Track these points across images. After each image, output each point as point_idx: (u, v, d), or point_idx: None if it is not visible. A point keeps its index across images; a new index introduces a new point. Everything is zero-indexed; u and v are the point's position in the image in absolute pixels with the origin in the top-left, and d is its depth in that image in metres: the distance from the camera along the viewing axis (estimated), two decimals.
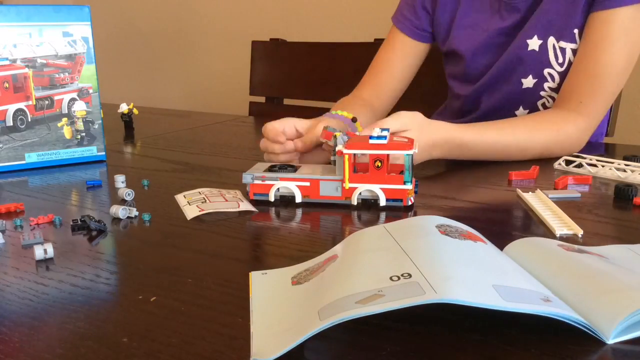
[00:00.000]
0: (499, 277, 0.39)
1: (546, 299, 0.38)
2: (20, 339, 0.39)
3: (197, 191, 0.71)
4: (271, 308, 0.41)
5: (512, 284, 0.39)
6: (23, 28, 0.83)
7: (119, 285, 0.48)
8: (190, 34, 2.44)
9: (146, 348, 0.38)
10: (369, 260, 0.42)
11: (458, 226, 0.48)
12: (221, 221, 0.62)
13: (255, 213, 0.65)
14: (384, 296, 0.36)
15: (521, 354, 0.36)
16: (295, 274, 0.46)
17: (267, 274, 0.48)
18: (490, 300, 0.35)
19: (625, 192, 0.68)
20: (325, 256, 0.48)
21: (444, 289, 0.35)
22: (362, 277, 0.39)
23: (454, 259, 0.40)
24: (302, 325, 0.36)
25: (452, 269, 0.38)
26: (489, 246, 0.45)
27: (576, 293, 0.41)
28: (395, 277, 0.38)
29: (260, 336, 0.37)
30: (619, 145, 1.01)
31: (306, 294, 0.41)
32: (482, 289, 0.36)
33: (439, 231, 0.45)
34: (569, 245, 0.50)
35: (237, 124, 1.26)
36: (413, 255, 0.41)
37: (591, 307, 0.39)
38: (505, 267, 0.42)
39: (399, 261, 0.40)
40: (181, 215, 0.64)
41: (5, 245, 0.57)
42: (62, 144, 0.88)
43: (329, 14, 2.06)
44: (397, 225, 0.48)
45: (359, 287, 0.38)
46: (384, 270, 0.39)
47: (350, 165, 0.64)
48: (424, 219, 0.49)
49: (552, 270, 0.44)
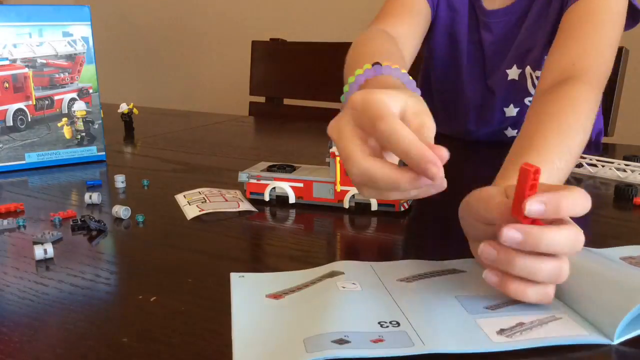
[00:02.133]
0: (489, 311, 0.40)
1: (541, 323, 0.38)
2: (20, 339, 0.39)
3: (197, 191, 0.71)
4: (251, 319, 0.41)
5: (505, 314, 0.40)
6: (23, 28, 0.83)
7: (119, 285, 0.48)
8: (190, 34, 2.44)
9: (146, 348, 0.38)
10: (356, 299, 0.42)
11: (442, 268, 0.48)
12: (221, 221, 0.62)
13: (254, 213, 0.65)
14: (384, 341, 0.36)
15: (521, 354, 0.36)
16: (274, 286, 0.46)
17: (245, 277, 0.47)
18: (480, 346, 0.36)
19: (625, 192, 0.68)
20: (306, 277, 0.47)
21: (432, 340, 0.36)
22: (350, 316, 0.40)
23: (439, 302, 0.42)
24: (287, 350, 0.36)
25: (438, 315, 0.40)
26: (477, 274, 0.46)
27: (579, 293, 0.41)
28: (384, 323, 0.39)
29: (241, 350, 0.37)
30: (619, 145, 1.01)
31: (288, 312, 0.41)
32: (471, 333, 0.37)
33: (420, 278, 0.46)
34: None
35: (237, 124, 1.26)
36: (399, 300, 0.42)
37: (594, 307, 0.39)
38: (495, 296, 0.42)
39: (386, 306, 0.41)
40: (181, 215, 0.64)
41: (5, 245, 0.57)
42: (62, 144, 0.88)
43: (329, 14, 2.06)
44: (384, 266, 0.49)
45: (347, 326, 0.38)
46: (372, 313, 0.40)
47: (343, 168, 0.64)
48: (409, 263, 0.50)
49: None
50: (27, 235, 0.59)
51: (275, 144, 1.06)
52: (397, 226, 0.61)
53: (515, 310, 0.40)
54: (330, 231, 0.60)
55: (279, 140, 1.11)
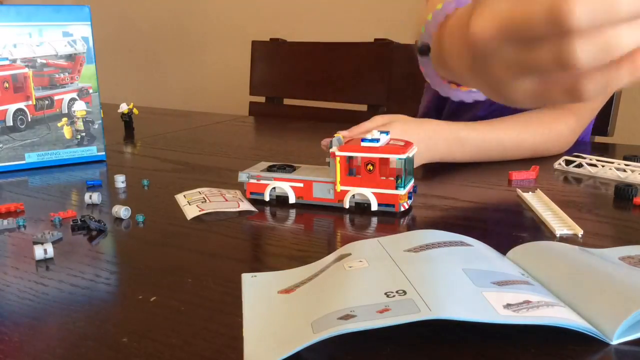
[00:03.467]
0: (496, 286, 0.39)
1: (548, 305, 0.38)
2: (20, 339, 0.39)
3: (197, 191, 0.71)
4: (262, 315, 0.41)
5: (511, 290, 0.39)
6: (23, 28, 0.83)
7: (119, 285, 0.48)
8: (190, 34, 2.44)
9: (146, 348, 0.38)
10: (362, 274, 0.42)
11: (450, 239, 0.48)
12: (221, 221, 0.62)
13: (255, 213, 0.65)
14: (390, 310, 0.36)
15: (521, 354, 0.36)
16: (285, 282, 0.46)
17: (257, 276, 0.47)
18: (487, 316, 0.36)
19: (625, 192, 0.68)
20: (317, 267, 0.48)
21: (438, 306, 0.36)
22: (356, 291, 0.40)
23: (447, 272, 0.41)
24: (295, 336, 0.36)
25: (446, 284, 0.39)
26: (484, 250, 0.45)
27: (578, 294, 0.41)
28: (390, 293, 0.38)
29: (252, 343, 0.37)
30: (619, 145, 1.01)
31: (298, 303, 0.41)
32: (478, 304, 0.37)
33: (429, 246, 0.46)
34: (570, 245, 0.50)
35: (237, 124, 1.26)
36: (406, 270, 0.42)
37: (594, 307, 0.39)
38: (504, 273, 0.42)
39: (393, 277, 0.41)
40: (181, 215, 0.64)
41: (5, 245, 0.57)
42: (62, 144, 0.88)
43: (329, 14, 2.06)
44: (391, 239, 0.49)
45: (353, 302, 0.38)
46: (378, 285, 0.40)
47: (344, 168, 0.64)
48: (416, 233, 0.49)
49: (554, 271, 0.44)
50: (27, 235, 0.59)
51: (275, 144, 1.05)
52: (397, 226, 0.61)
53: (522, 289, 0.40)
54: (330, 231, 0.60)
55: (279, 140, 1.11)
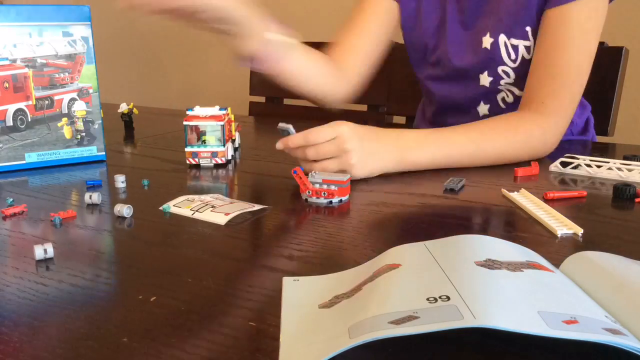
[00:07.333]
0: (548, 303, 0.36)
1: (609, 330, 0.34)
2: (20, 339, 0.39)
3: (184, 199, 0.71)
4: (301, 320, 0.40)
5: (565, 310, 0.36)
6: (23, 28, 0.83)
7: (119, 285, 0.48)
8: (190, 34, 2.44)
9: (146, 348, 0.38)
10: (405, 279, 0.41)
11: (507, 250, 0.44)
12: None
13: (270, 209, 0.65)
14: (419, 318, 0.34)
15: (521, 354, 0.36)
16: (328, 290, 0.44)
17: (299, 280, 0.47)
18: (535, 329, 0.33)
19: (625, 191, 0.68)
20: (364, 275, 0.45)
21: (484, 314, 0.33)
22: (397, 296, 0.38)
23: (495, 283, 0.38)
24: (330, 341, 0.35)
25: (492, 293, 0.36)
26: (541, 273, 0.41)
27: (634, 312, 0.37)
28: (432, 298, 0.37)
29: (288, 347, 0.37)
30: (619, 145, 1.01)
31: (340, 311, 0.40)
32: (525, 316, 0.34)
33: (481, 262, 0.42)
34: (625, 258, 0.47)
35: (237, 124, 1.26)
36: (452, 276, 0.39)
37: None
38: (559, 293, 0.38)
39: (437, 282, 0.39)
40: (181, 215, 0.64)
41: (5, 245, 0.57)
42: (62, 144, 0.88)
43: (329, 14, 2.06)
44: (438, 243, 0.47)
45: (392, 307, 0.36)
46: (420, 290, 0.38)
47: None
48: (466, 239, 0.47)
49: (610, 287, 0.41)
50: (27, 235, 0.59)
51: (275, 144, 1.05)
52: (398, 226, 0.61)
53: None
54: (330, 231, 0.60)
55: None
